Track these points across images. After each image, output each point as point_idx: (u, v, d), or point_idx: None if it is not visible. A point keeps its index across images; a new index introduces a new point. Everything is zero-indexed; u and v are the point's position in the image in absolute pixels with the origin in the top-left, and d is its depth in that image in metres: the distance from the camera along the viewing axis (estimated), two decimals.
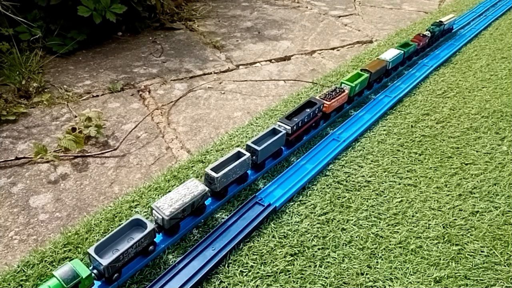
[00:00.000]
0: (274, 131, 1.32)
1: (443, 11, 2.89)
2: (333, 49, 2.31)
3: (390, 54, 1.88)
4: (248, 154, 1.20)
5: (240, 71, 2.02)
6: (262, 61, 2.12)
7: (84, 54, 2.08)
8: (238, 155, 1.21)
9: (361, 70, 1.72)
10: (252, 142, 1.25)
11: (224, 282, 0.97)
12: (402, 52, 1.91)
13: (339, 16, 2.79)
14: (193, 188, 1.08)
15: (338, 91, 1.54)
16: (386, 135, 1.53)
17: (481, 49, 2.27)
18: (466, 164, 1.40)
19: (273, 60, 2.14)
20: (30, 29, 1.93)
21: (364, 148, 1.46)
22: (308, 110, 1.41)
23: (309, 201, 1.21)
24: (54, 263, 0.99)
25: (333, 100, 1.50)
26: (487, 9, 2.91)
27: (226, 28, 2.51)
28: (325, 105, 1.48)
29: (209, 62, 2.08)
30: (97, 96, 1.74)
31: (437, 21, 2.27)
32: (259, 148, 1.22)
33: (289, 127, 1.33)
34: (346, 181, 1.30)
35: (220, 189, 1.15)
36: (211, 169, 1.13)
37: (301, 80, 1.95)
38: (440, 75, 1.99)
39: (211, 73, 1.98)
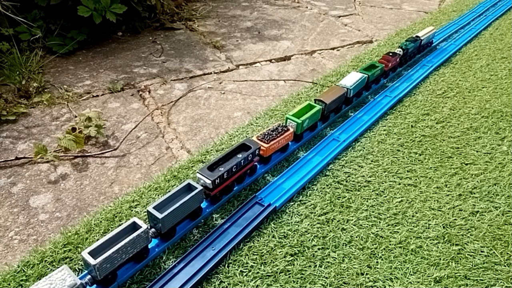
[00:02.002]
0: (189, 187, 1.08)
1: (443, 11, 2.90)
2: (333, 49, 2.31)
3: (352, 79, 1.64)
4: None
5: (240, 71, 2.02)
6: (262, 61, 2.12)
7: (84, 54, 2.08)
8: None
9: (315, 100, 1.50)
10: (154, 207, 1.00)
11: (224, 282, 0.97)
12: (366, 76, 1.68)
13: (339, 16, 2.79)
14: (58, 284, 0.80)
15: (280, 130, 1.31)
16: (386, 135, 1.53)
17: (481, 49, 2.27)
18: (466, 164, 1.40)
19: (273, 60, 2.14)
20: (30, 29, 1.93)
21: (364, 148, 1.46)
22: (240, 155, 1.19)
23: (309, 201, 1.21)
24: (54, 263, 0.99)
25: (273, 142, 1.27)
26: (487, 9, 2.91)
27: (226, 28, 2.51)
28: (262, 148, 1.26)
29: (209, 62, 2.08)
30: (97, 96, 1.74)
31: (413, 36, 2.08)
32: (160, 216, 0.97)
33: (210, 181, 1.08)
34: (346, 181, 1.30)
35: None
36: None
37: (301, 80, 1.95)
38: (440, 75, 1.99)
39: (211, 73, 1.98)
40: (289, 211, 1.18)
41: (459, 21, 2.64)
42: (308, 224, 1.13)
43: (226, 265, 1.01)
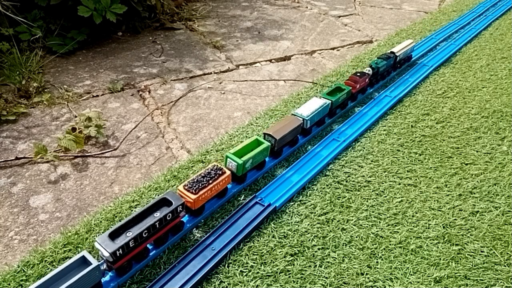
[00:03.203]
0: (84, 260, 0.87)
1: (443, 11, 2.90)
2: (333, 49, 2.31)
3: (310, 107, 1.44)
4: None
5: (240, 71, 2.02)
6: (262, 61, 2.12)
7: (84, 54, 2.08)
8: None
9: (265, 135, 1.30)
10: None
11: (224, 282, 0.97)
12: (329, 102, 1.50)
13: (339, 16, 2.79)
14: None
15: (213, 175, 1.10)
16: (386, 135, 1.53)
17: (481, 49, 2.27)
18: (466, 164, 1.40)
19: (273, 60, 2.14)
20: (30, 29, 1.93)
21: (364, 148, 1.46)
22: (158, 214, 0.97)
23: (309, 201, 1.21)
24: (54, 263, 0.99)
25: (203, 191, 1.06)
26: (487, 9, 2.91)
27: (226, 28, 2.51)
28: (189, 200, 1.05)
29: (209, 62, 2.08)
30: (97, 96, 1.74)
31: (387, 52, 1.90)
32: None
33: (108, 253, 0.87)
34: (346, 181, 1.30)
35: None
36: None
37: (301, 80, 1.95)
38: (440, 75, 1.99)
39: (211, 73, 1.98)
40: (289, 211, 1.18)
41: (459, 21, 2.64)
42: (308, 224, 1.13)
43: (226, 265, 1.01)
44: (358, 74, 1.69)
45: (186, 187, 1.07)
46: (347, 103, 1.65)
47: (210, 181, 1.09)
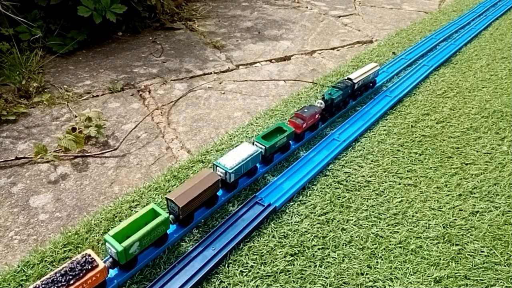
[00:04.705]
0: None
1: (443, 11, 2.90)
2: (333, 49, 2.31)
3: (237, 156, 1.18)
4: None
5: (240, 71, 2.02)
6: (262, 61, 2.12)
7: (84, 54, 2.08)
8: None
9: (167, 200, 1.04)
10: None
11: (224, 282, 0.97)
12: (262, 150, 1.24)
13: (339, 16, 2.79)
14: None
15: (78, 272, 0.84)
16: (386, 135, 1.53)
17: (481, 49, 2.27)
18: (466, 164, 1.40)
19: (273, 60, 2.14)
20: (30, 29, 1.93)
21: (364, 148, 1.46)
22: None
23: (309, 201, 1.21)
24: (54, 263, 0.99)
25: None
26: (487, 9, 2.91)
27: (226, 28, 2.51)
28: None
29: (209, 62, 2.08)
30: (97, 96, 1.74)
31: (345, 78, 1.63)
32: None
33: None
34: (346, 181, 1.30)
35: None
36: None
37: (301, 80, 1.95)
38: (440, 75, 1.99)
39: (211, 73, 1.98)
40: (289, 211, 1.18)
41: (459, 21, 2.64)
42: (308, 224, 1.13)
43: (226, 265, 1.01)
44: (306, 109, 1.42)
45: None
46: (289, 146, 1.38)
47: (73, 281, 0.82)
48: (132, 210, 1.15)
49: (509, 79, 1.96)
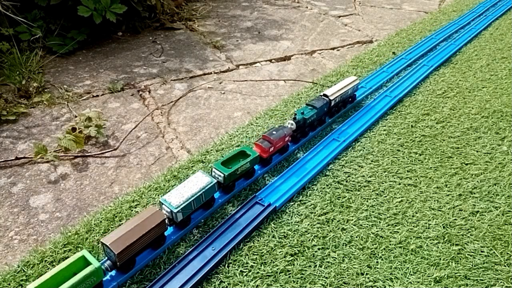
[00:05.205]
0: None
1: (443, 11, 2.90)
2: (333, 49, 2.31)
3: (185, 191, 1.05)
4: None
5: (240, 71, 2.02)
6: (262, 61, 2.12)
7: (84, 54, 2.08)
8: None
9: (102, 244, 0.93)
10: None
11: (224, 282, 0.97)
12: (213, 182, 1.09)
13: (339, 16, 2.79)
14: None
15: None
16: (386, 135, 1.53)
17: (481, 49, 2.27)
18: (466, 164, 1.40)
19: (273, 60, 2.14)
20: (30, 29, 1.93)
21: (364, 148, 1.46)
22: None
23: (309, 201, 1.21)
24: (54, 263, 0.99)
25: None
26: (487, 9, 2.91)
27: (226, 28, 2.51)
28: None
29: (209, 62, 2.08)
30: (97, 96, 1.74)
31: (320, 94, 1.52)
32: None
33: None
34: (346, 181, 1.30)
35: None
36: None
37: (301, 80, 1.95)
38: (440, 75, 1.99)
39: (211, 73, 1.98)
40: (289, 211, 1.18)
41: (459, 21, 2.64)
42: (308, 224, 1.13)
43: (226, 265, 1.01)
44: (274, 131, 1.31)
45: None
46: (253, 172, 1.27)
47: None
48: (132, 210, 1.15)
49: (509, 79, 1.96)
